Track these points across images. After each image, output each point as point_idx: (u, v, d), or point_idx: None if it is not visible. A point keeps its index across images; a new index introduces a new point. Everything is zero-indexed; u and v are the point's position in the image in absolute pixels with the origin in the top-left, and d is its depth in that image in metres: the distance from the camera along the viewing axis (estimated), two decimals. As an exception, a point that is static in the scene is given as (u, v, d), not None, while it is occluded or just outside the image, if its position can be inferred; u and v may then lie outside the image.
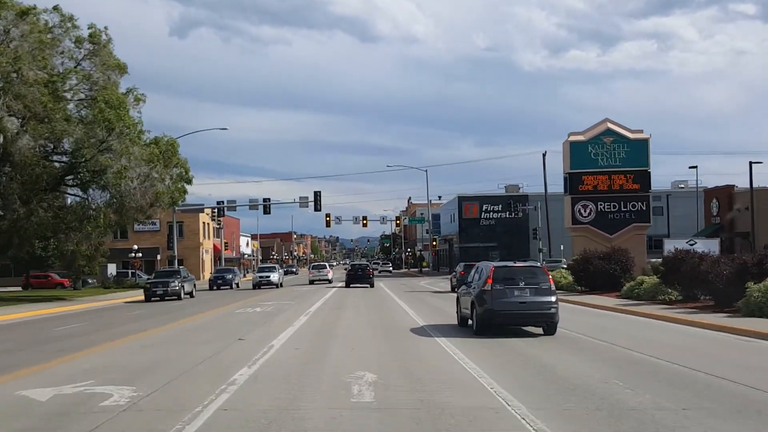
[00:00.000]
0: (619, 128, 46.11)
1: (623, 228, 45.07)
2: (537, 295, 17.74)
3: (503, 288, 17.68)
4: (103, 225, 43.09)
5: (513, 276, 18.16)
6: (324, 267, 64.77)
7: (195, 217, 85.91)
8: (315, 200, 62.78)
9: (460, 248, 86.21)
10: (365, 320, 23.99)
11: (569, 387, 10.93)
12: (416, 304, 33.80)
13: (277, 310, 29.93)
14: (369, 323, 22.86)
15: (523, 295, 17.72)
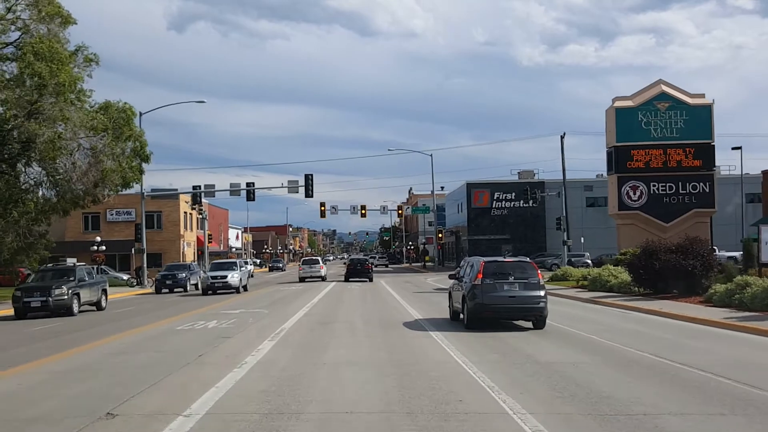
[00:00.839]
0: (675, 91, 37.49)
1: (682, 214, 36.57)
2: (526, 290, 18.01)
3: (493, 282, 17.91)
4: (35, 209, 34.36)
5: (503, 271, 18.41)
6: (316, 262, 56.17)
7: (174, 206, 77.22)
8: (306, 185, 54.11)
9: (469, 241, 77.64)
10: (365, 354, 14.80)
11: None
12: (428, 306, 25.14)
13: (237, 325, 21.10)
14: (372, 362, 13.66)
15: (512, 290, 18.00)
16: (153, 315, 26.72)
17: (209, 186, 55.12)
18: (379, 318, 22.64)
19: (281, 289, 45.24)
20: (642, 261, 29.12)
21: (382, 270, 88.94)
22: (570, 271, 45.97)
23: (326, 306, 28.77)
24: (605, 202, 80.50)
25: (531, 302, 18.00)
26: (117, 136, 35.36)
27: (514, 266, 18.81)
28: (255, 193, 55.53)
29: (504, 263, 19.19)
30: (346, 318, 22.95)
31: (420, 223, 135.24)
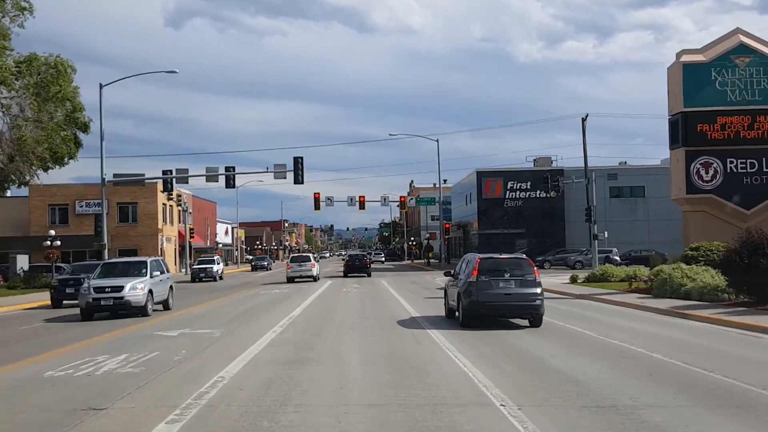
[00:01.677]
0: (758, 44, 29.37)
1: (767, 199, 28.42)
2: (522, 287, 17.57)
3: (489, 279, 17.48)
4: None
5: (499, 268, 17.95)
6: (307, 260, 48.06)
7: (151, 197, 69.10)
8: (296, 170, 46.02)
9: (480, 235, 69.59)
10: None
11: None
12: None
13: (149, 368, 12.66)
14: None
15: (508, 287, 17.56)
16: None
17: (182, 171, 46.93)
18: (389, 348, 14.63)
19: (261, 293, 37.13)
20: (743, 259, 21.09)
21: (381, 267, 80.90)
22: (610, 270, 38.00)
23: (309, 324, 20.57)
24: (631, 192, 72.58)
25: (527, 300, 17.62)
26: (44, 97, 27.14)
27: (510, 263, 18.39)
28: (235, 179, 47.39)
29: (500, 260, 18.60)
30: (335, 350, 14.77)
31: (422, 218, 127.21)
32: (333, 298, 31.27)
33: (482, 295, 17.40)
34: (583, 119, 67.29)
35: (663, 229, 69.37)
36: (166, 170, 47.24)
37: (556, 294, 30.25)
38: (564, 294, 30.62)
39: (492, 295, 17.44)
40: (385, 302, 28.22)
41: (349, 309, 25.43)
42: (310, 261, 47.47)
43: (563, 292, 31.70)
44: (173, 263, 74.87)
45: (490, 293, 17.42)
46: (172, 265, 74.55)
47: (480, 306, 17.56)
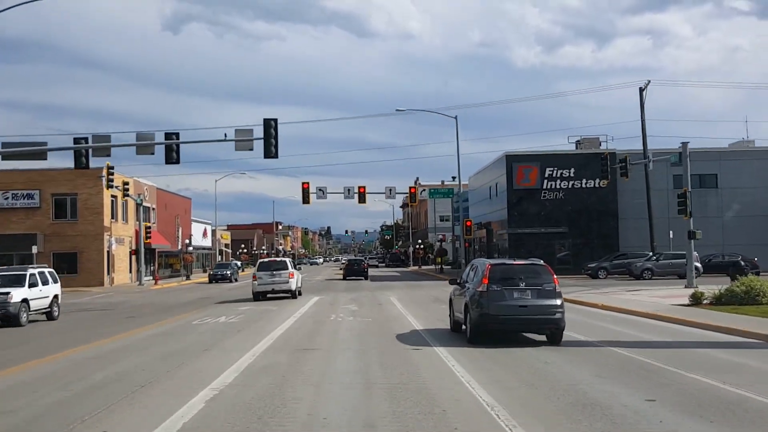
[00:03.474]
0: None
1: None
2: (540, 298, 15.29)
3: (501, 289, 15.26)
4: None
5: (512, 275, 15.64)
6: (281, 267, 32.95)
7: (95, 186, 54.50)
8: (267, 137, 31.75)
9: (510, 236, 54.95)
10: None
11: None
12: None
13: None
14: None
15: (524, 298, 15.29)
16: None
17: (101, 138, 32.19)
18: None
19: (196, 322, 22.77)
20: None
21: (384, 274, 66.26)
22: (758, 285, 23.49)
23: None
24: (700, 182, 57.49)
25: (546, 313, 15.22)
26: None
27: (525, 270, 15.90)
28: (180, 151, 32.81)
29: (513, 267, 16.19)
30: None
31: (430, 219, 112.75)
32: (310, 340, 16.81)
33: (493, 307, 15.06)
34: (642, 89, 53.19)
35: (741, 227, 54.93)
36: (78, 138, 32.54)
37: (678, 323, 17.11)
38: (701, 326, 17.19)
39: (505, 307, 15.06)
40: (408, 357, 13.88)
41: (337, 375, 11.22)
42: (286, 269, 32.83)
43: (704, 324, 18.15)
44: (127, 270, 60.15)
45: (502, 305, 15.07)
46: (126, 272, 59.81)
47: (491, 320, 15.16)
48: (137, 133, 32.95)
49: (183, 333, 18.81)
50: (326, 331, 18.45)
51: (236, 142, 32.87)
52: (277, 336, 17.09)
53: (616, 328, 18.81)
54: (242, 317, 23.31)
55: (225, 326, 20.27)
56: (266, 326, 19.86)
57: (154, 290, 48.91)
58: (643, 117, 53.20)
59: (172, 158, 32.90)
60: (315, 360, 13.51)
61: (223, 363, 13.09)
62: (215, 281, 55.82)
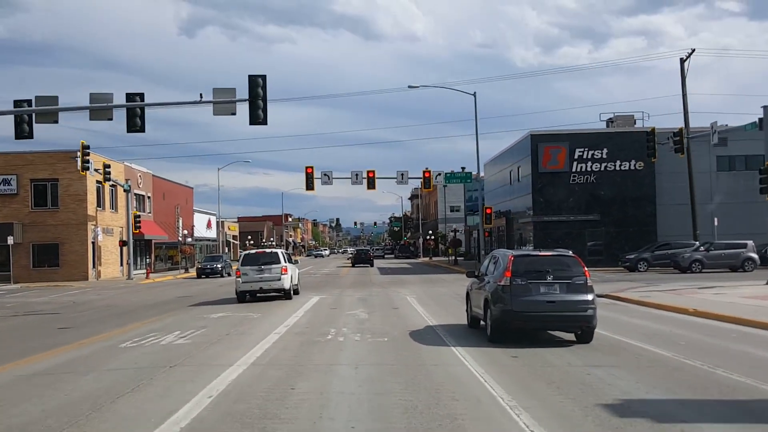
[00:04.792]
0: None
1: None
2: (570, 293, 13.08)
3: (526, 283, 13.09)
4: None
5: (538, 268, 13.34)
6: (273, 261, 24.84)
7: (77, 171, 46.77)
8: (253, 97, 24.32)
9: (536, 224, 47.17)
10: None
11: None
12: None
13: None
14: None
15: (551, 293, 13.09)
16: None
17: (46, 99, 24.57)
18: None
19: (142, 342, 15.42)
20: None
21: (395, 266, 58.68)
22: None
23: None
24: (746, 163, 49.63)
25: (576, 309, 13.00)
26: None
27: (552, 262, 13.48)
28: (144, 116, 25.34)
29: (540, 258, 13.68)
30: None
31: (440, 209, 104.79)
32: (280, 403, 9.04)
33: (517, 303, 12.96)
34: (683, 60, 45.29)
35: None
36: (19, 101, 24.97)
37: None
38: None
39: (530, 303, 12.97)
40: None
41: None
42: (277, 263, 25.07)
43: None
44: (118, 262, 52.68)
45: (527, 300, 12.97)
46: (116, 265, 52.34)
47: (514, 317, 13.02)
48: (91, 94, 25.40)
49: (72, 377, 11.09)
50: (316, 371, 10.82)
51: (214, 104, 25.30)
52: (222, 388, 9.43)
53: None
54: (200, 334, 15.73)
55: (158, 357, 12.73)
56: (221, 357, 12.32)
57: (141, 286, 41.49)
58: (685, 90, 45.32)
59: (136, 124, 25.39)
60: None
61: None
62: (204, 276, 47.73)
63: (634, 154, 46.72)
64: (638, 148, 46.71)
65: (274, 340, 14.19)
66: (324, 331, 15.74)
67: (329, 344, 13.59)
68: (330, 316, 19.32)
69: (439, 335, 14.68)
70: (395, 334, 15.08)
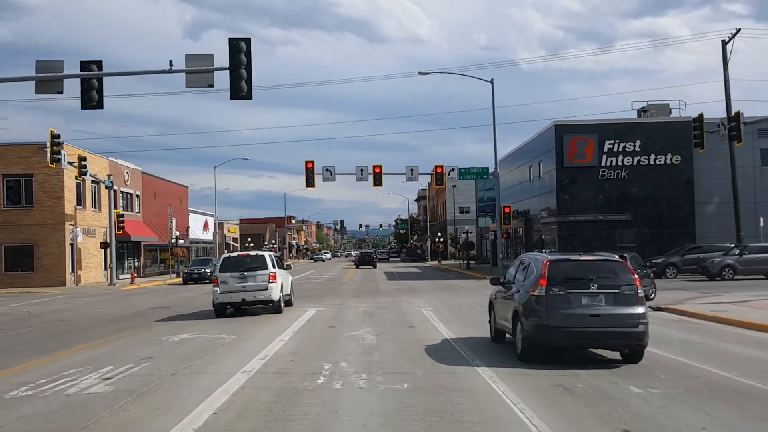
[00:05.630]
0: None
1: None
2: (617, 305, 10.84)
3: (565, 293, 10.87)
4: None
5: (580, 275, 11.10)
6: (258, 266, 19.74)
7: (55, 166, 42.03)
8: (235, 64, 19.48)
9: (560, 225, 42.19)
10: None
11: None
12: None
13: None
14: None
15: (596, 305, 10.84)
16: None
17: None
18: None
19: (30, 394, 10.11)
20: None
21: (403, 271, 53.76)
22: None
23: None
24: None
25: (625, 324, 10.76)
26: None
27: (596, 268, 11.27)
28: (103, 88, 20.57)
29: (581, 263, 11.40)
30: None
31: (448, 211, 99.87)
32: None
33: (555, 317, 10.70)
34: (726, 41, 40.43)
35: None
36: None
37: None
38: None
39: (570, 317, 10.69)
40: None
41: None
42: (264, 268, 20.04)
43: None
44: (102, 266, 47.84)
45: (567, 314, 10.71)
46: (99, 269, 47.54)
47: (551, 333, 10.75)
48: (37, 62, 20.59)
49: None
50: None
51: (187, 74, 20.49)
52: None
53: None
54: (135, 374, 10.84)
55: (39, 424, 7.78)
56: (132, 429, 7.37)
57: (121, 293, 36.69)
58: (727, 76, 40.25)
59: (93, 99, 20.56)
60: None
61: None
62: (192, 281, 42.42)
63: (670, 146, 41.75)
64: (674, 140, 41.80)
65: (234, 389, 9.26)
66: (315, 368, 10.85)
67: (319, 397, 8.67)
68: (326, 339, 14.43)
69: (486, 379, 9.81)
70: (418, 374, 10.20)
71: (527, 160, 49.96)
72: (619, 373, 10.21)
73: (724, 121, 34.53)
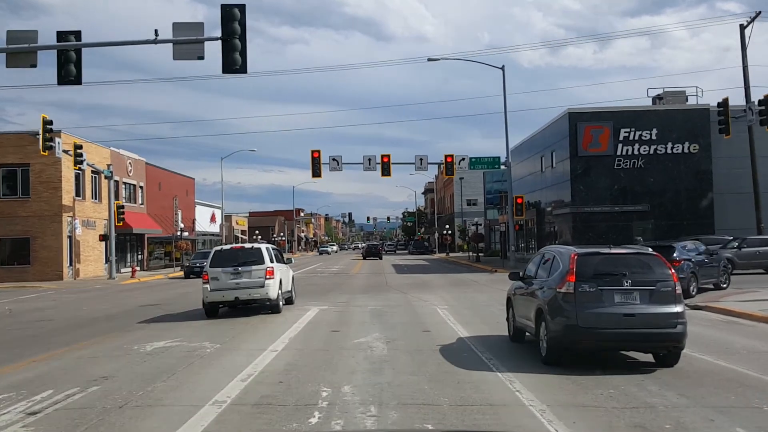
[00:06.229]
0: None
1: None
2: (653, 303, 9.44)
3: (596, 290, 9.46)
4: None
5: (611, 270, 9.66)
6: (253, 261, 17.08)
7: (52, 155, 39.36)
8: (228, 34, 16.60)
9: (575, 216, 39.36)
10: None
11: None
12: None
13: None
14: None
15: (630, 303, 9.43)
16: None
17: None
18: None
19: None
20: None
21: (411, 263, 51.09)
22: None
23: None
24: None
25: (661, 325, 9.36)
26: None
27: (629, 262, 9.76)
28: (81, 62, 17.87)
29: (612, 257, 9.88)
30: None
31: (456, 203, 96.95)
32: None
33: (585, 317, 9.30)
34: (744, 26, 37.71)
35: None
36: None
37: None
38: None
39: (602, 316, 9.28)
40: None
41: None
42: (260, 263, 17.37)
43: None
44: (102, 259, 45.26)
45: (599, 313, 9.30)
46: (100, 263, 44.98)
47: (581, 334, 9.34)
48: (8, 32, 17.90)
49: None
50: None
51: (174, 45, 17.74)
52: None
53: None
54: (73, 403, 8.22)
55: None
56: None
57: (118, 287, 34.16)
58: (745, 61, 37.45)
59: (70, 73, 17.89)
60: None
61: None
62: (193, 275, 39.55)
63: (688, 135, 38.88)
64: (692, 128, 38.93)
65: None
66: (309, 395, 8.16)
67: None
68: (328, 349, 11.74)
69: (530, 409, 7.13)
70: (444, 406, 7.50)
71: (539, 150, 47.08)
72: (660, 381, 8.78)
73: (752, 105, 31.69)
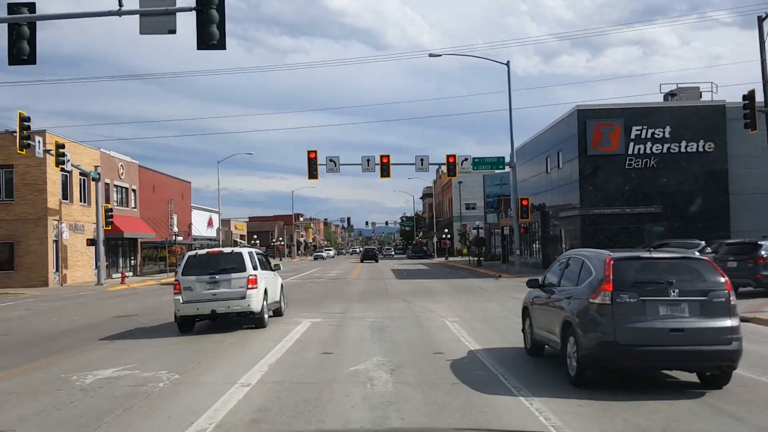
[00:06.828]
0: None
1: None
2: (705, 316, 7.74)
3: (638, 301, 7.74)
4: None
5: (654, 278, 7.93)
6: (233, 267, 14.37)
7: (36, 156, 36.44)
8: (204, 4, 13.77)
9: (583, 218, 36.53)
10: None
11: None
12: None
13: None
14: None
15: (678, 316, 7.73)
16: None
17: None
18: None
19: None
20: None
21: (410, 268, 48.24)
22: None
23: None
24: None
25: (715, 341, 7.68)
26: None
27: (675, 269, 8.01)
28: (36, 38, 15.04)
29: (654, 262, 8.15)
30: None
31: (455, 207, 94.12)
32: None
33: (624, 332, 7.61)
34: (761, 18, 34.74)
35: None
36: None
37: None
38: None
39: (645, 332, 7.62)
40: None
41: None
42: (241, 270, 14.53)
43: None
44: (91, 265, 42.32)
45: (641, 328, 7.63)
46: (89, 268, 42.03)
47: (621, 353, 7.65)
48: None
49: None
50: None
51: (142, 17, 14.89)
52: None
53: None
54: None
55: None
56: None
57: (104, 294, 31.28)
58: (764, 56, 34.72)
59: (23, 52, 15.03)
60: None
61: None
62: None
63: (703, 133, 36.09)
64: (707, 125, 36.13)
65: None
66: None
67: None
68: (315, 383, 8.84)
69: None
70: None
71: (544, 150, 44.26)
72: (709, 405, 7.32)
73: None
